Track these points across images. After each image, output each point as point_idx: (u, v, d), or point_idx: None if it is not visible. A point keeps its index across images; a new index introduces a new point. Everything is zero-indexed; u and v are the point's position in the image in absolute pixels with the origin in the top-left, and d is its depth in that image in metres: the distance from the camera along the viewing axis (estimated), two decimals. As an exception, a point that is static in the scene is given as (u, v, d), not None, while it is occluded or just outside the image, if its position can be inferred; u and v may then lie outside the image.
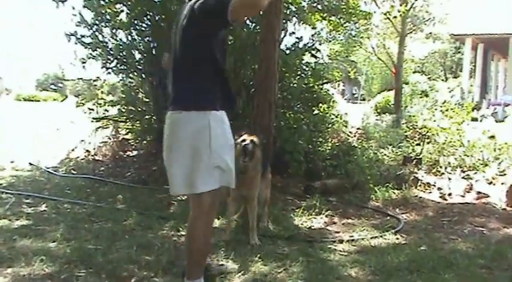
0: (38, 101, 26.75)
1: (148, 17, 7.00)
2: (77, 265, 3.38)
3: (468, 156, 7.50)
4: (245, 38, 6.90)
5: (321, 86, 7.67)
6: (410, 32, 17.68)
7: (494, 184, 6.57)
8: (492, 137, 8.05)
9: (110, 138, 7.96)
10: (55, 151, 8.03)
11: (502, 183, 6.44)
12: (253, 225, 4.12)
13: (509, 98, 16.31)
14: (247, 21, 7.14)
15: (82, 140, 8.02)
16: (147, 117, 7.28)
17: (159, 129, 6.86)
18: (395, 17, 14.78)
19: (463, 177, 6.89)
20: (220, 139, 2.77)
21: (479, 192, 6.14)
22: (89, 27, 7.11)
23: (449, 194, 6.22)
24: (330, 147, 7.26)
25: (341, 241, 4.22)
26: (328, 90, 8.46)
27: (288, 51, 7.32)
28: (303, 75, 7.51)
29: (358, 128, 11.28)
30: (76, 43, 7.13)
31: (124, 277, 3.22)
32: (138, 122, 7.43)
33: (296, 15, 7.94)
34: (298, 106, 7.31)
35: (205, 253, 3.02)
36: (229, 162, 2.84)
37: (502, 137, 7.84)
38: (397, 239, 4.39)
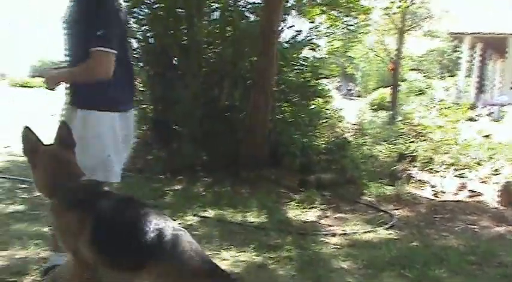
0: (32, 87, 26.51)
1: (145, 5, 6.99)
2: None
3: (462, 155, 7.53)
4: (244, 29, 6.88)
5: (318, 81, 7.67)
6: (409, 29, 17.65)
7: (487, 183, 6.61)
8: (488, 136, 8.07)
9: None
10: (50, 136, 7.99)
11: (495, 183, 6.48)
12: None
13: (505, 98, 16.31)
14: (247, 13, 7.13)
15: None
16: (142, 106, 7.26)
17: (154, 119, 6.92)
18: (394, 13, 14.74)
19: (456, 176, 6.92)
20: None
21: (472, 191, 6.17)
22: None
23: (442, 192, 6.25)
24: (325, 142, 7.28)
25: (334, 235, 4.25)
26: (325, 85, 8.46)
27: (286, 45, 7.32)
28: (300, 69, 7.51)
29: (353, 124, 11.29)
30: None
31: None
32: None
33: (295, 9, 7.92)
34: (294, 100, 7.31)
35: None
36: None
37: (498, 136, 7.87)
38: (390, 234, 4.43)
